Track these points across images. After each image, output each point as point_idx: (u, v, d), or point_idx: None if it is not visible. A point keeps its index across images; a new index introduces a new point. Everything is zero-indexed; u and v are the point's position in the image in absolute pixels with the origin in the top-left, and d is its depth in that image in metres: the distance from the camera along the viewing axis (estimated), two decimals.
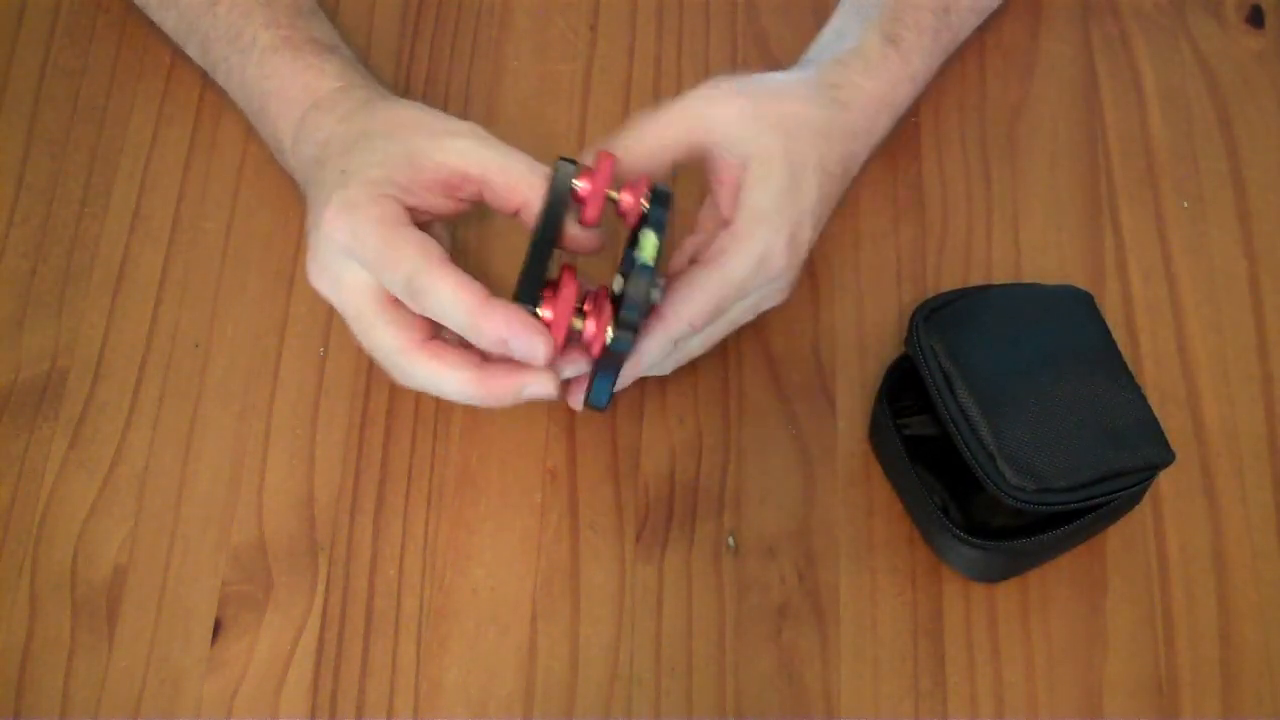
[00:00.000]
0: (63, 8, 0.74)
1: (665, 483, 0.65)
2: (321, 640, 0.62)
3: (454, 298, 0.54)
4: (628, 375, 0.59)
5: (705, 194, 0.64)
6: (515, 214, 0.58)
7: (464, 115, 0.71)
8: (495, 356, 0.56)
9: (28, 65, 0.73)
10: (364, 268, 0.56)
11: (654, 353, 0.58)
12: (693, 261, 0.60)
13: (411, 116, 0.60)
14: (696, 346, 0.62)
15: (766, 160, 0.59)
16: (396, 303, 0.56)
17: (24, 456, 0.65)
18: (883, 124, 0.67)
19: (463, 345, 0.57)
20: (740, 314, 0.62)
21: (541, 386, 0.56)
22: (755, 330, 0.67)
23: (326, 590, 0.62)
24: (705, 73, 0.73)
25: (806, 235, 0.61)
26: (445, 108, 0.72)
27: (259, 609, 0.62)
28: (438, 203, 0.58)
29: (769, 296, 0.62)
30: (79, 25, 0.73)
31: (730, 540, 0.64)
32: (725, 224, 0.60)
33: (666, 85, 0.73)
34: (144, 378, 0.66)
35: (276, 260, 0.68)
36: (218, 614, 0.62)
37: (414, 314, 0.56)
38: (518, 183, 0.57)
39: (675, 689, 0.61)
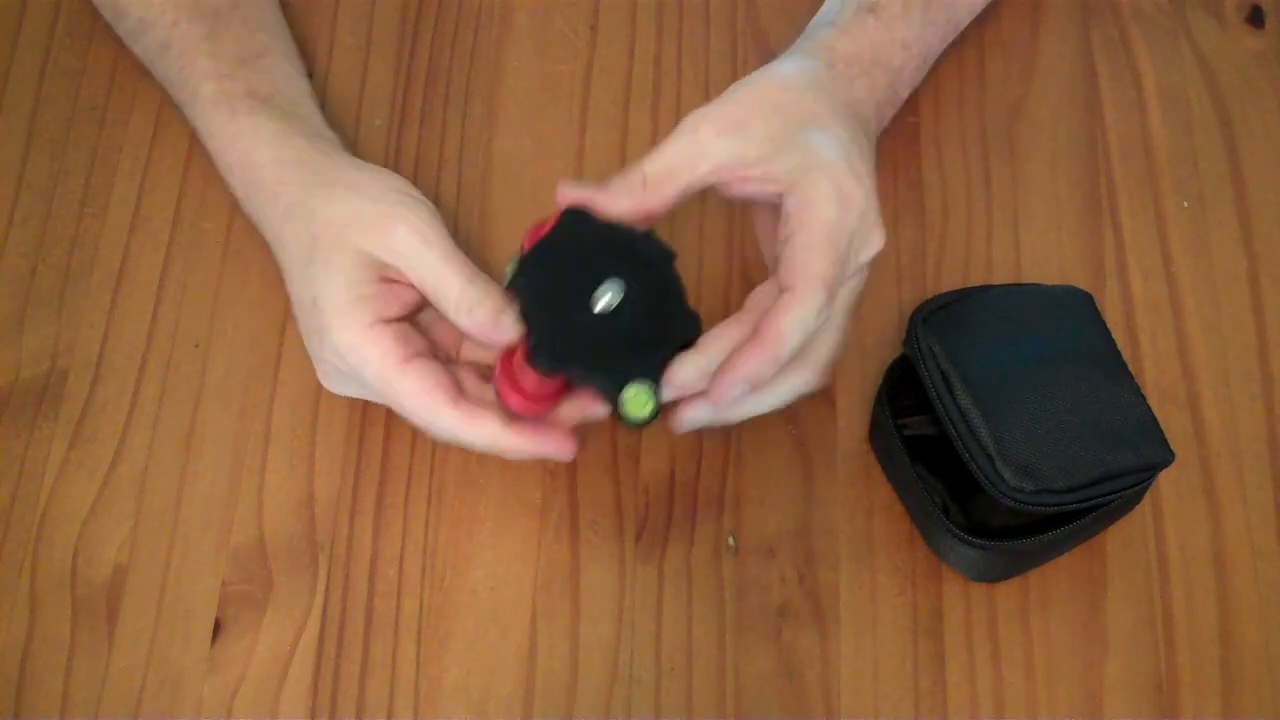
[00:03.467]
0: (63, 8, 0.74)
1: (665, 483, 0.65)
2: (321, 640, 0.62)
3: (471, 430, 0.57)
4: (766, 366, 0.56)
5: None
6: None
7: (464, 115, 0.72)
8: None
9: (28, 65, 0.73)
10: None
11: (797, 329, 0.55)
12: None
13: (345, 212, 0.60)
14: (832, 337, 0.59)
15: (774, 134, 0.58)
16: (412, 358, 0.58)
17: (24, 456, 0.65)
18: (881, 81, 0.64)
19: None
20: (856, 274, 0.59)
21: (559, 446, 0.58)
22: None
23: (326, 590, 0.62)
24: (705, 73, 0.73)
25: (859, 169, 0.58)
26: (445, 108, 0.72)
27: (259, 609, 0.62)
28: (410, 295, 0.59)
29: (867, 240, 0.59)
30: (79, 25, 0.73)
31: (730, 540, 0.64)
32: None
33: (666, 85, 0.73)
34: (144, 378, 0.66)
35: (276, 260, 0.68)
36: (218, 614, 0.62)
37: (436, 371, 0.58)
38: (446, 299, 0.58)
39: (675, 689, 0.61)
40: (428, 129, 0.72)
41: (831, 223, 0.57)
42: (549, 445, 0.58)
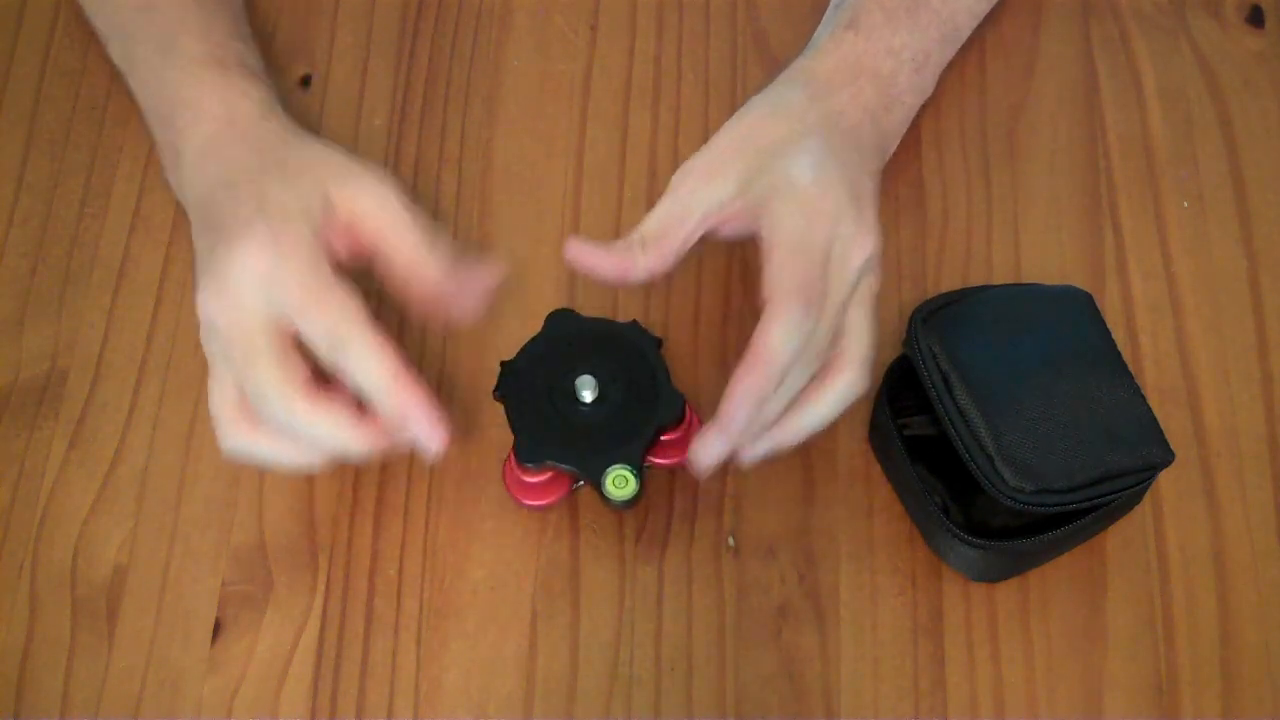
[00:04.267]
0: (63, 8, 0.74)
1: (665, 483, 0.65)
2: (321, 640, 0.62)
3: (377, 358, 0.55)
4: (759, 381, 0.58)
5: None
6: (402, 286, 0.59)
7: (464, 115, 0.72)
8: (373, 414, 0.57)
9: (28, 65, 0.73)
10: (280, 306, 0.56)
11: (782, 338, 0.57)
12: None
13: (324, 156, 0.60)
14: (823, 336, 0.60)
15: (754, 174, 0.60)
16: (289, 343, 0.56)
17: (24, 456, 0.65)
18: (867, 89, 0.65)
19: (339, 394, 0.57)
20: (842, 287, 0.59)
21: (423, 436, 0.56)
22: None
23: (326, 590, 0.62)
24: (705, 73, 0.73)
25: (847, 221, 0.59)
26: (445, 108, 0.72)
27: (259, 609, 0.62)
28: (342, 250, 0.58)
29: (850, 245, 0.60)
30: (79, 25, 0.73)
31: (730, 540, 0.64)
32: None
33: (666, 85, 0.73)
34: (144, 378, 0.66)
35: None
36: (218, 614, 0.62)
37: (301, 358, 0.56)
38: (410, 254, 0.58)
39: (675, 689, 0.61)
40: (428, 129, 0.72)
41: (797, 236, 0.58)
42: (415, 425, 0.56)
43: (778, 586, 0.63)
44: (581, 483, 0.62)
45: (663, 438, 0.61)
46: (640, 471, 0.59)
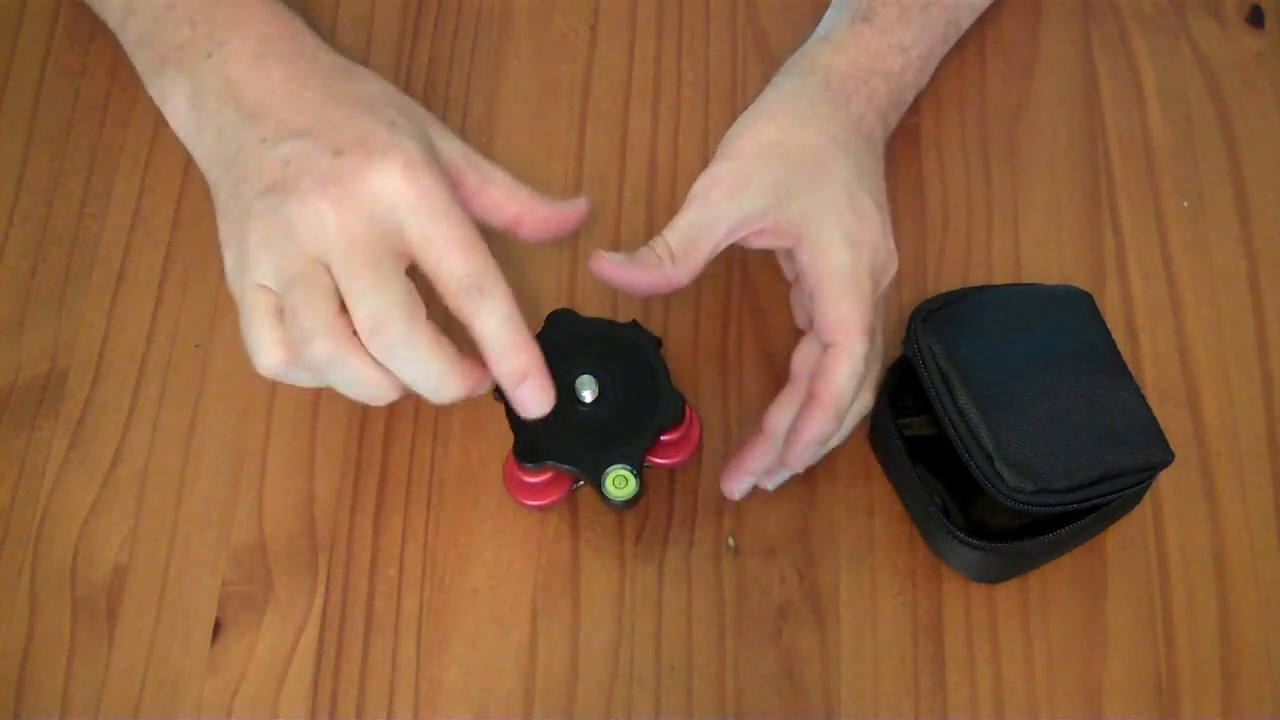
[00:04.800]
0: (63, 8, 0.74)
1: (665, 483, 0.65)
2: (321, 640, 0.62)
3: (511, 311, 0.54)
4: (828, 424, 0.59)
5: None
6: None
7: (464, 115, 0.73)
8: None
9: (28, 65, 0.73)
10: (417, 235, 0.53)
11: (847, 378, 0.58)
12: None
13: (406, 100, 0.59)
14: (874, 367, 0.62)
15: (781, 186, 0.60)
16: (407, 273, 0.54)
17: (24, 456, 0.65)
18: (880, 89, 0.65)
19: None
20: (882, 305, 0.61)
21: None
22: (755, 330, 0.67)
23: (326, 590, 0.62)
24: (705, 73, 0.73)
25: (863, 211, 0.60)
26: (445, 108, 0.73)
27: (259, 609, 0.62)
28: None
29: (885, 270, 0.61)
30: (79, 25, 0.73)
31: (730, 540, 0.64)
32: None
33: (666, 85, 0.73)
34: (144, 378, 0.66)
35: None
36: (218, 614, 0.62)
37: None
38: (510, 194, 0.58)
39: (675, 689, 0.61)
40: None
41: (848, 268, 0.58)
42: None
43: (778, 586, 0.63)
44: (581, 483, 0.62)
45: (663, 438, 0.61)
46: (640, 471, 0.59)
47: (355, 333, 0.53)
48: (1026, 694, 0.61)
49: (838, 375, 0.58)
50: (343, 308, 0.53)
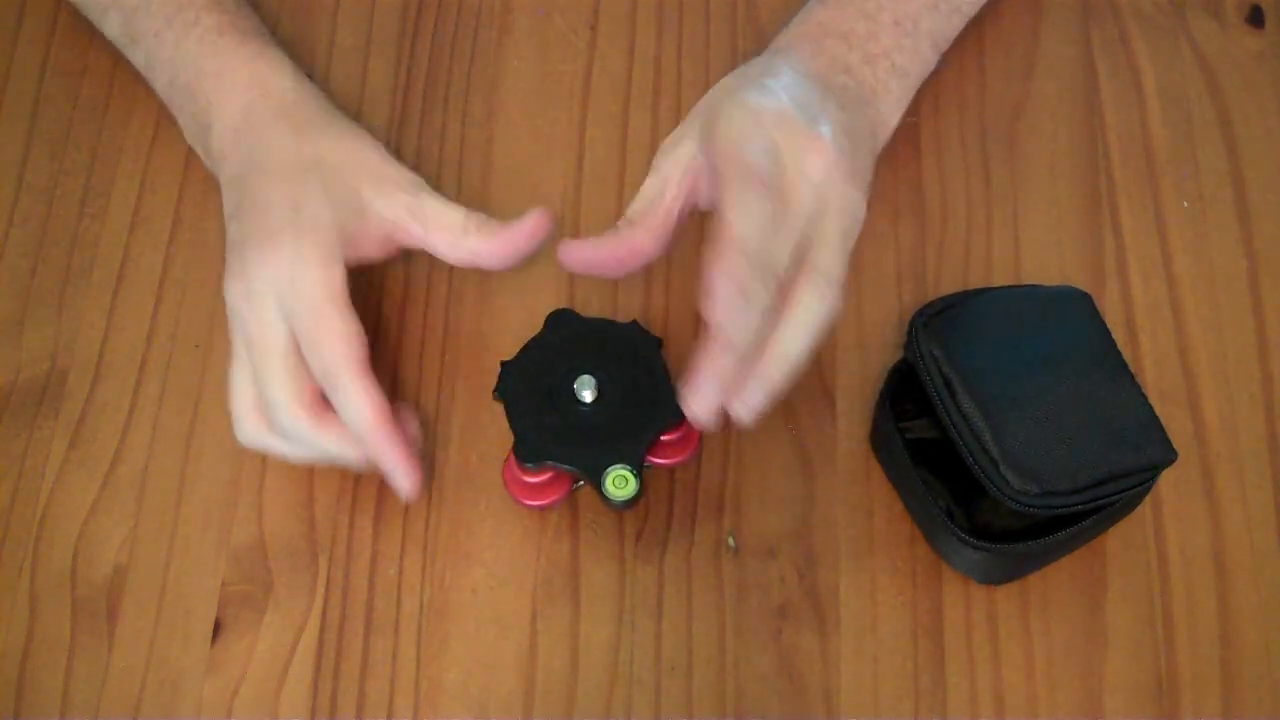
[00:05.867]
0: (63, 8, 0.74)
1: (665, 483, 0.65)
2: (321, 640, 0.62)
3: (362, 402, 0.57)
4: (713, 400, 0.57)
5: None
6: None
7: (464, 115, 0.72)
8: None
9: (28, 65, 0.73)
10: (292, 323, 0.58)
11: (724, 371, 0.56)
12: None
13: (360, 152, 0.62)
14: (794, 349, 0.58)
15: (720, 116, 0.60)
16: (300, 356, 0.58)
17: (24, 456, 0.65)
18: (837, 49, 0.64)
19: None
20: (832, 238, 0.58)
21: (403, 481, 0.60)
22: None
23: (326, 590, 0.62)
24: (705, 73, 0.73)
25: (816, 138, 0.58)
26: (445, 108, 0.73)
27: (259, 609, 0.62)
28: (374, 252, 0.62)
29: (831, 197, 0.58)
30: (79, 25, 0.73)
31: (730, 540, 0.64)
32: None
33: (666, 85, 0.73)
34: (144, 378, 0.66)
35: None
36: (218, 614, 0.62)
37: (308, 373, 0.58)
38: (457, 239, 0.61)
39: (675, 689, 0.61)
40: (428, 129, 0.72)
41: (739, 133, 0.58)
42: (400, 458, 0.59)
43: (778, 586, 0.63)
44: (581, 483, 0.62)
45: (663, 438, 0.61)
46: (640, 472, 0.59)
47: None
48: (1026, 694, 0.61)
49: (726, 218, 0.56)
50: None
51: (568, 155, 0.72)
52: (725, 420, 0.66)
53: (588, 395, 0.60)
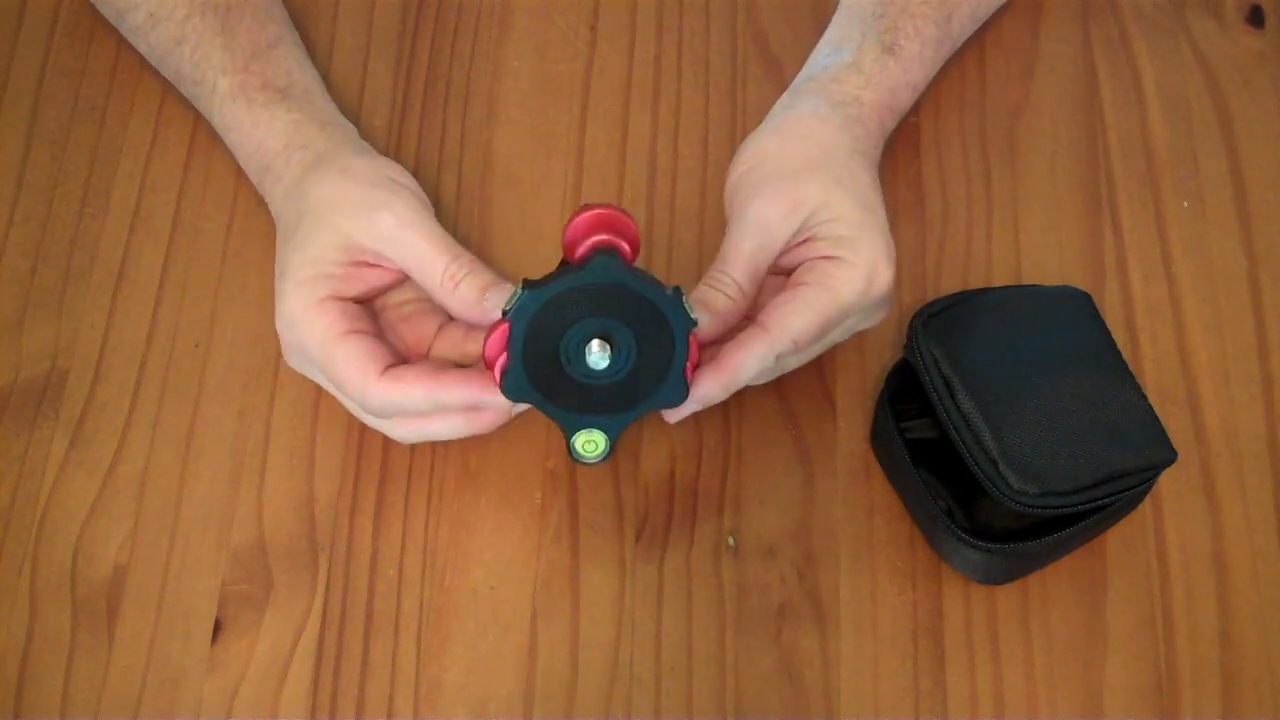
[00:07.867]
0: (63, 8, 0.74)
1: (665, 483, 0.65)
2: (321, 640, 0.62)
3: (403, 402, 0.58)
4: (716, 391, 0.58)
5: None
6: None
7: (464, 115, 0.72)
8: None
9: (28, 65, 0.73)
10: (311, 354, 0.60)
11: (754, 367, 0.58)
12: (785, 274, 0.61)
13: (332, 194, 0.61)
14: (793, 363, 0.62)
15: (830, 200, 0.60)
16: (353, 333, 0.59)
17: (24, 456, 0.65)
18: (888, 127, 0.67)
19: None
20: (839, 335, 0.62)
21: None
22: None
23: (326, 590, 0.62)
24: (705, 73, 0.73)
25: (893, 250, 0.61)
26: (445, 108, 0.73)
27: (259, 609, 0.62)
28: (376, 279, 0.61)
29: (869, 317, 0.62)
30: (79, 25, 0.73)
31: (730, 540, 0.64)
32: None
33: (666, 85, 0.73)
34: (144, 378, 0.66)
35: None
36: (218, 614, 0.62)
37: (368, 351, 0.59)
38: (430, 276, 0.60)
39: (675, 689, 0.61)
40: (428, 129, 0.72)
41: (841, 304, 0.59)
42: (477, 390, 0.58)
43: (778, 586, 0.63)
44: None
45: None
46: (613, 443, 0.59)
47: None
48: (1026, 694, 0.61)
49: (744, 355, 0.58)
50: None
51: (568, 155, 0.72)
52: (726, 420, 0.66)
53: (596, 354, 0.56)
